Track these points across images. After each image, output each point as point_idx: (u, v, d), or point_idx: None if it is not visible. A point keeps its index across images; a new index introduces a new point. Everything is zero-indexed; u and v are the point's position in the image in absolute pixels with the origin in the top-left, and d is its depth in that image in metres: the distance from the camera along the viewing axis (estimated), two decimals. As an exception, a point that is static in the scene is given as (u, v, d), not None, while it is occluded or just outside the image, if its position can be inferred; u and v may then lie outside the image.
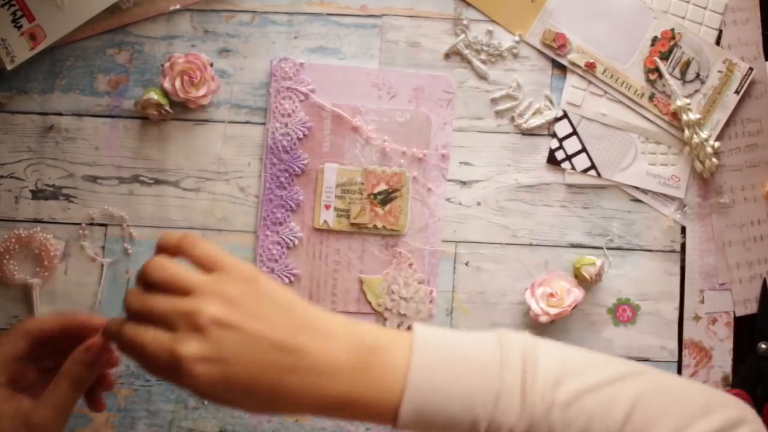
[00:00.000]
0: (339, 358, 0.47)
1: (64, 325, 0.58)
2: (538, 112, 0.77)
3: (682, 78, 0.77)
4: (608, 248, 0.77)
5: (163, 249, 0.51)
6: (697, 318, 0.77)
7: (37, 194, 0.77)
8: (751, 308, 0.77)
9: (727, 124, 0.77)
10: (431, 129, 0.77)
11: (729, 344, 0.77)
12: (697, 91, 0.77)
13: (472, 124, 0.77)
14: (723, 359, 0.77)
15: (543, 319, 0.73)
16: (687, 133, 0.76)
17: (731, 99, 0.77)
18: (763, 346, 0.76)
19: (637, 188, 0.77)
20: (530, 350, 0.48)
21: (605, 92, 0.77)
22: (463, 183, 0.77)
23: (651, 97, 0.77)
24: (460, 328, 0.77)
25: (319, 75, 0.77)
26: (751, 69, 0.77)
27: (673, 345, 0.77)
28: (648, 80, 0.77)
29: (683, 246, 0.78)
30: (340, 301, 0.76)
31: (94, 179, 0.77)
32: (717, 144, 0.76)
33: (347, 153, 0.77)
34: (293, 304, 0.49)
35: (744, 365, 0.77)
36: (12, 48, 0.75)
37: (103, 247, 0.77)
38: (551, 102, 0.77)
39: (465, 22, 0.77)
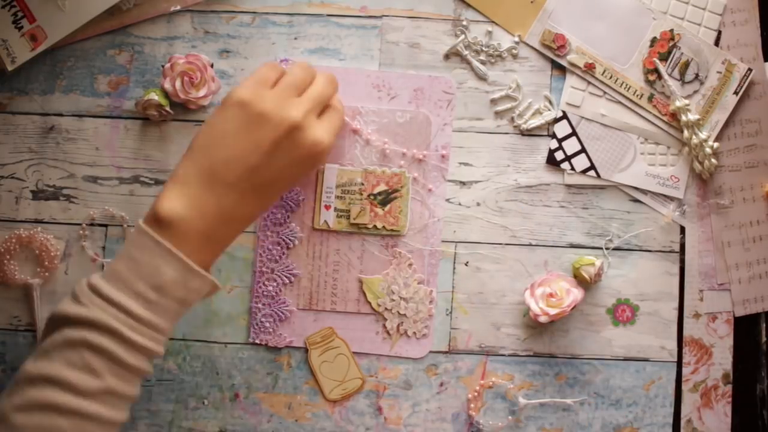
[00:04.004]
0: None
1: None
2: (537, 112, 0.78)
3: (681, 79, 0.77)
4: (607, 248, 0.77)
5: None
6: (697, 315, 0.77)
7: (38, 195, 0.77)
8: (751, 308, 0.77)
9: (726, 124, 0.77)
10: (431, 130, 0.77)
11: (729, 341, 0.77)
12: (696, 91, 0.77)
13: (471, 125, 0.77)
14: (723, 356, 0.77)
15: (542, 319, 0.73)
16: (686, 133, 0.76)
17: (730, 100, 0.77)
18: None
19: (636, 188, 0.77)
20: None
21: (604, 93, 0.77)
22: (463, 183, 0.77)
23: (650, 98, 0.77)
24: (460, 328, 0.77)
25: (319, 76, 0.77)
26: (750, 70, 0.77)
27: (673, 345, 0.77)
28: (647, 81, 0.77)
29: (682, 246, 0.78)
30: (340, 301, 0.77)
31: (94, 180, 0.77)
32: (716, 144, 0.76)
33: (347, 153, 0.77)
34: None
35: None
36: (13, 49, 0.75)
37: (103, 248, 0.77)
38: (551, 102, 0.78)
39: (465, 22, 0.77)
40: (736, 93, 0.77)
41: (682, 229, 0.78)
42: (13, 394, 0.56)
